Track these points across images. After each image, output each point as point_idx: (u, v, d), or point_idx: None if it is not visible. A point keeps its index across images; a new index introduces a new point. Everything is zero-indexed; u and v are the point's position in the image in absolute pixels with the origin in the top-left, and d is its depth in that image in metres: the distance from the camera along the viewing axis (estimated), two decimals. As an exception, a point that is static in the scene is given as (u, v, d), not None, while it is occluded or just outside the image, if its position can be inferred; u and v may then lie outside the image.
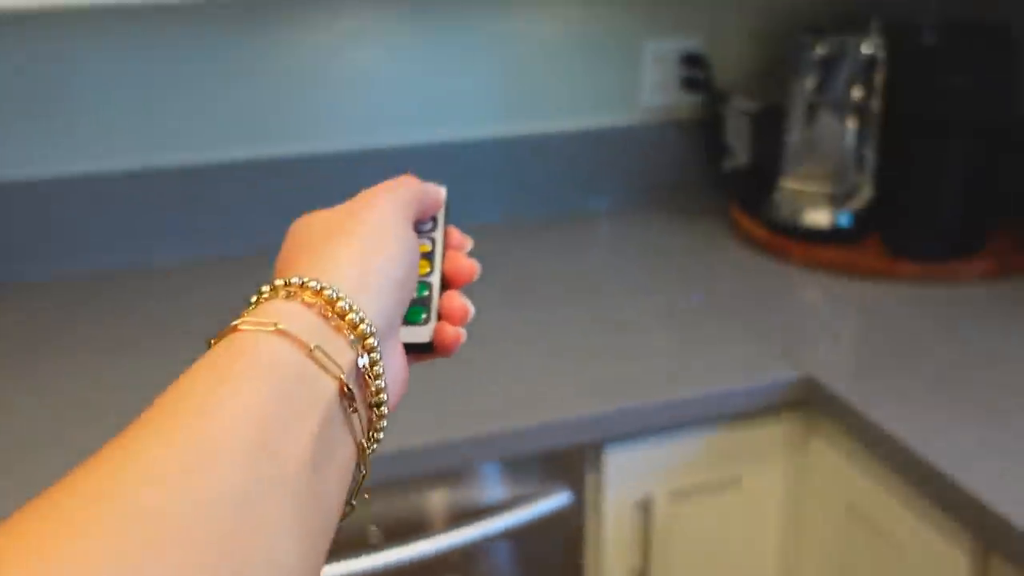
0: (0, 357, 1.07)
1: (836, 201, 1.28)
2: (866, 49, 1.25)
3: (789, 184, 1.36)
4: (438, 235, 0.52)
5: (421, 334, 0.47)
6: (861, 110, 1.28)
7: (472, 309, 0.48)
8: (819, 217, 1.27)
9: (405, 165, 1.36)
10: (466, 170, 1.40)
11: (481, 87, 1.38)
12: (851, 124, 1.27)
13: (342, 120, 1.35)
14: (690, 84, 1.45)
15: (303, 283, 0.39)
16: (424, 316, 0.47)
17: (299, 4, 1.28)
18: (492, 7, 1.35)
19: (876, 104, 1.27)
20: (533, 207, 1.45)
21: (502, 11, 1.36)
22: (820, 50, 1.28)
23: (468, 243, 0.53)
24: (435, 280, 0.50)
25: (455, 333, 0.47)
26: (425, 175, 0.46)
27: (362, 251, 0.42)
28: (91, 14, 1.21)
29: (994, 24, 1.20)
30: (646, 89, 1.46)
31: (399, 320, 0.44)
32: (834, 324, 1.14)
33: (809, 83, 1.29)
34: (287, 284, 0.39)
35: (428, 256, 0.50)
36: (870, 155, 1.29)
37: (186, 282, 1.26)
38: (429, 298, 0.48)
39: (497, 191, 1.42)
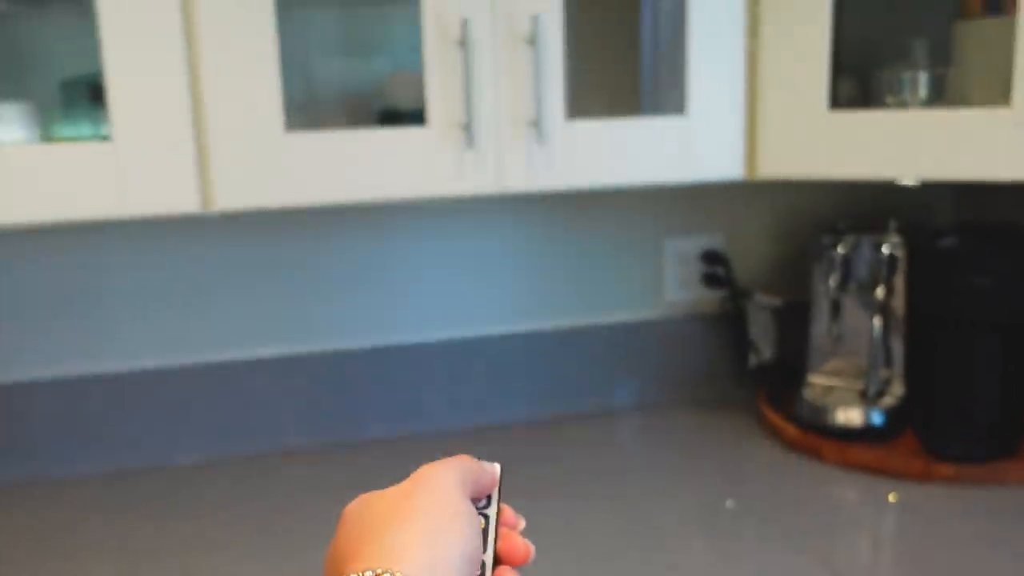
0: (1, 560, 1.04)
1: (867, 399, 1.27)
2: (886, 249, 1.27)
3: (817, 380, 1.34)
4: (492, 511, 0.52)
5: None
6: (884, 308, 1.28)
7: None
8: (851, 415, 1.25)
9: (432, 360, 1.37)
10: (495, 365, 1.40)
11: (511, 284, 1.41)
12: (877, 321, 1.27)
13: (367, 318, 1.36)
14: (711, 280, 1.47)
15: (378, 575, 0.39)
16: None
17: (321, 214, 1.32)
18: (521, 208, 1.39)
19: (899, 302, 1.28)
20: (561, 401, 1.44)
21: (531, 212, 1.40)
22: (840, 249, 1.30)
23: (521, 523, 0.53)
24: (488, 559, 0.50)
25: None
26: (455, 370, 0.46)
27: (429, 532, 0.43)
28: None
29: (1007, 225, 1.22)
30: (669, 285, 1.48)
31: None
32: (873, 531, 1.09)
33: (832, 281, 1.31)
34: None
35: (482, 533, 0.50)
36: (899, 352, 1.29)
37: (204, 480, 1.24)
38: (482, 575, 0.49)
39: (526, 386, 1.42)
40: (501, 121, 1.04)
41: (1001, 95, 1.02)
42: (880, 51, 1.26)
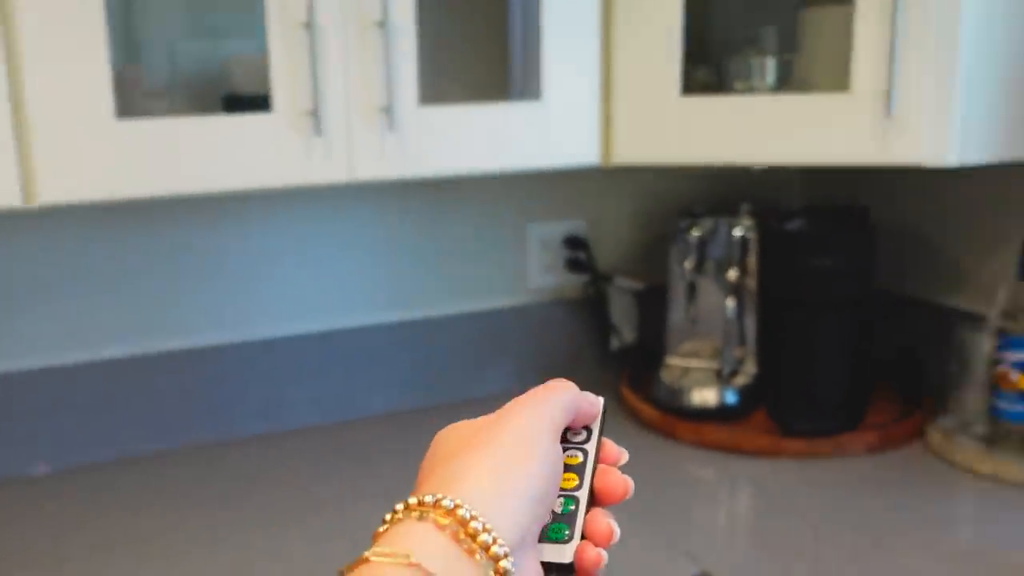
0: None
1: (721, 378, 1.30)
2: (738, 232, 1.30)
3: (674, 362, 1.37)
4: (591, 447, 0.50)
5: (563, 553, 0.45)
6: (738, 289, 1.32)
7: (618, 531, 0.47)
8: (706, 396, 1.28)
9: (295, 354, 1.33)
10: (358, 358, 1.37)
11: (373, 274, 1.38)
12: (730, 302, 1.31)
13: (222, 313, 1.31)
14: (574, 265, 1.48)
15: (436, 501, 0.39)
16: (567, 534, 0.46)
17: (193, 202, 1.26)
18: (381, 196, 1.36)
19: (751, 284, 1.31)
20: (430, 392, 1.42)
21: (389, 198, 1.37)
22: (696, 232, 1.33)
23: (623, 457, 0.51)
24: (583, 495, 0.48)
25: (596, 555, 0.45)
26: (317, 364, 0.44)
27: (499, 465, 0.42)
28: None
29: (853, 207, 1.27)
30: (533, 271, 1.48)
31: (534, 536, 0.44)
32: (727, 508, 1.12)
33: (688, 263, 1.33)
34: (421, 503, 0.39)
35: (578, 469, 0.48)
36: (751, 332, 1.33)
37: (58, 489, 1.17)
38: (574, 514, 0.47)
39: (392, 378, 1.39)
40: (351, 107, 1.01)
41: (842, 81, 1.05)
42: (733, 38, 1.29)
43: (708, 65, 1.22)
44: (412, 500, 0.40)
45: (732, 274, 1.31)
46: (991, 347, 1.20)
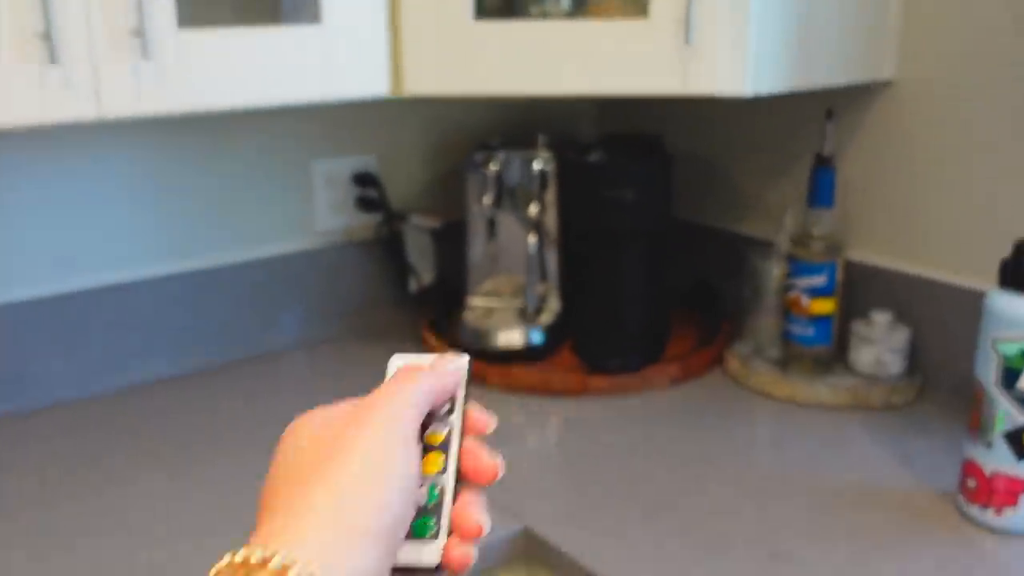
0: None
1: (526, 317, 1.26)
2: (536, 165, 1.25)
3: (477, 302, 1.32)
4: (456, 419, 0.45)
5: (428, 554, 0.40)
6: (539, 224, 1.27)
7: (488, 525, 0.43)
8: (511, 337, 1.23)
9: (42, 320, 1.15)
10: (127, 317, 1.21)
11: (141, 223, 1.22)
12: (532, 238, 1.26)
13: (-48, 273, 1.11)
14: (365, 204, 1.38)
15: (264, 560, 0.35)
16: (432, 529, 0.41)
17: None
18: (145, 135, 1.20)
19: (552, 218, 1.27)
20: (214, 350, 1.29)
21: (154, 137, 1.21)
22: (493, 166, 1.27)
23: (491, 423, 0.47)
24: (448, 482, 0.43)
25: (463, 555, 0.41)
26: (72, 330, 0.34)
27: (345, 501, 0.38)
28: None
29: (649, 136, 1.25)
30: (320, 212, 1.37)
31: (387, 571, 0.39)
32: (539, 457, 1.09)
33: (486, 199, 1.27)
34: (246, 564, 0.35)
35: (443, 447, 0.44)
36: (553, 268, 1.29)
37: None
38: (439, 506, 0.42)
39: (166, 337, 1.25)
40: (94, 29, 0.86)
41: (640, 7, 1.01)
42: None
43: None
44: (238, 557, 0.36)
45: (532, 209, 1.26)
46: (781, 273, 1.22)
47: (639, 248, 1.21)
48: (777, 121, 1.31)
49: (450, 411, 0.45)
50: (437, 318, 1.36)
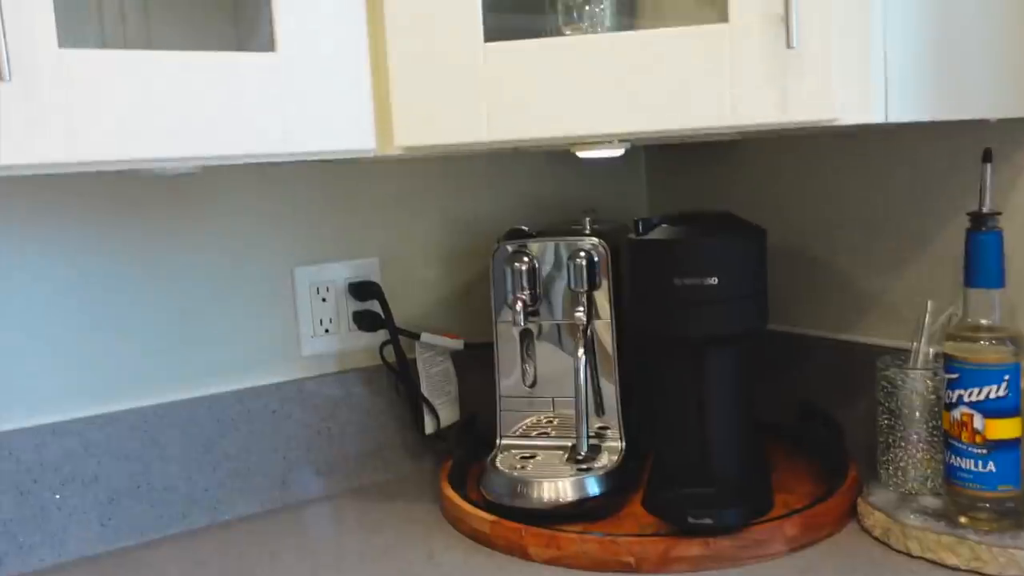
0: None
1: (578, 462, 0.92)
2: (583, 252, 0.94)
3: (512, 445, 0.98)
4: None
5: None
6: (588, 335, 0.95)
7: None
8: (559, 489, 0.89)
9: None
10: (42, 470, 0.90)
11: (62, 348, 0.92)
12: (580, 354, 0.93)
13: None
14: (364, 321, 1.07)
15: None
16: None
17: None
18: (68, 225, 0.92)
19: (606, 326, 0.95)
20: (157, 509, 0.95)
21: (83, 233, 0.93)
22: (526, 259, 0.96)
23: None
24: None
25: None
26: None
27: None
28: None
29: (722, 214, 0.94)
30: (306, 332, 1.06)
31: None
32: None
33: (518, 306, 0.96)
34: None
35: None
36: (611, 394, 0.96)
37: None
38: None
39: (81, 508, 0.92)
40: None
41: (714, 6, 0.72)
42: None
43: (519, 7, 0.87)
44: None
45: (579, 313, 0.94)
46: (931, 386, 0.88)
47: (729, 359, 0.88)
48: (900, 177, 1.00)
49: None
50: (459, 466, 1.02)
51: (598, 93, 0.73)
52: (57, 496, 0.90)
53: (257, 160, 0.73)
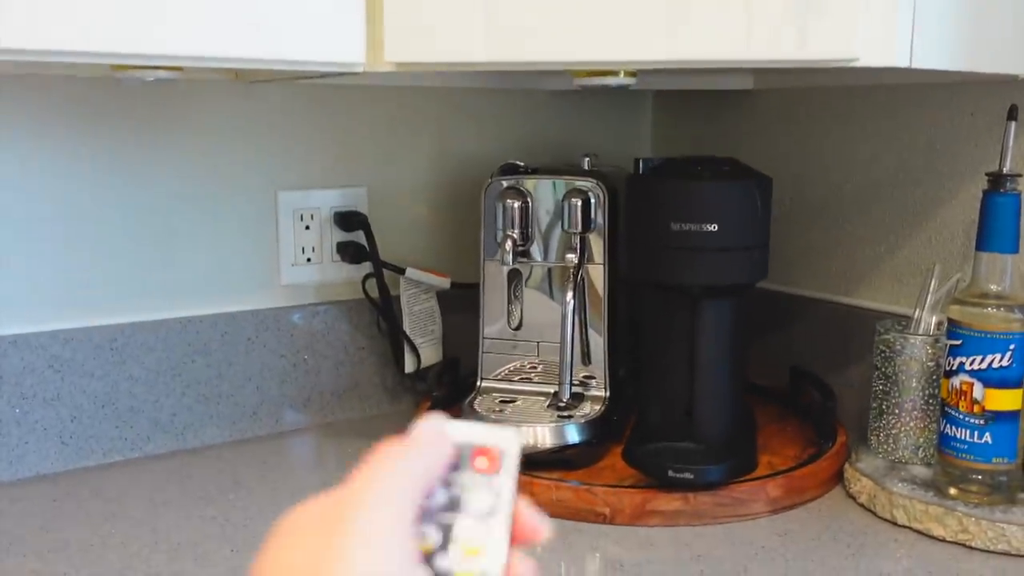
0: None
1: (560, 408, 0.89)
2: (579, 192, 0.90)
3: (492, 387, 0.95)
4: (498, 524, 0.31)
5: None
6: (579, 279, 0.91)
7: None
8: (538, 434, 0.85)
9: None
10: (19, 388, 0.86)
11: (33, 260, 0.88)
12: (569, 298, 0.89)
13: None
14: (348, 252, 1.03)
15: None
16: None
17: None
18: (38, 133, 0.87)
19: (599, 271, 0.91)
20: (113, 434, 0.92)
21: (56, 144, 0.88)
22: (517, 198, 0.92)
23: (542, 530, 0.35)
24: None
25: None
26: None
27: None
28: None
29: (727, 160, 0.89)
30: (287, 260, 1.02)
31: None
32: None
33: (508, 245, 0.92)
34: None
35: (475, 565, 0.31)
36: (599, 341, 0.92)
37: None
38: None
39: (59, 419, 0.89)
40: None
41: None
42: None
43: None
44: None
45: (570, 257, 0.90)
46: (932, 352, 0.84)
47: (723, 312, 0.84)
48: (913, 137, 0.95)
49: (491, 512, 0.31)
50: (438, 407, 0.99)
51: (604, 18, 0.69)
52: (16, 410, 0.87)
53: (232, 65, 0.68)
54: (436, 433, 0.34)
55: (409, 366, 1.05)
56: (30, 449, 0.88)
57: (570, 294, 0.89)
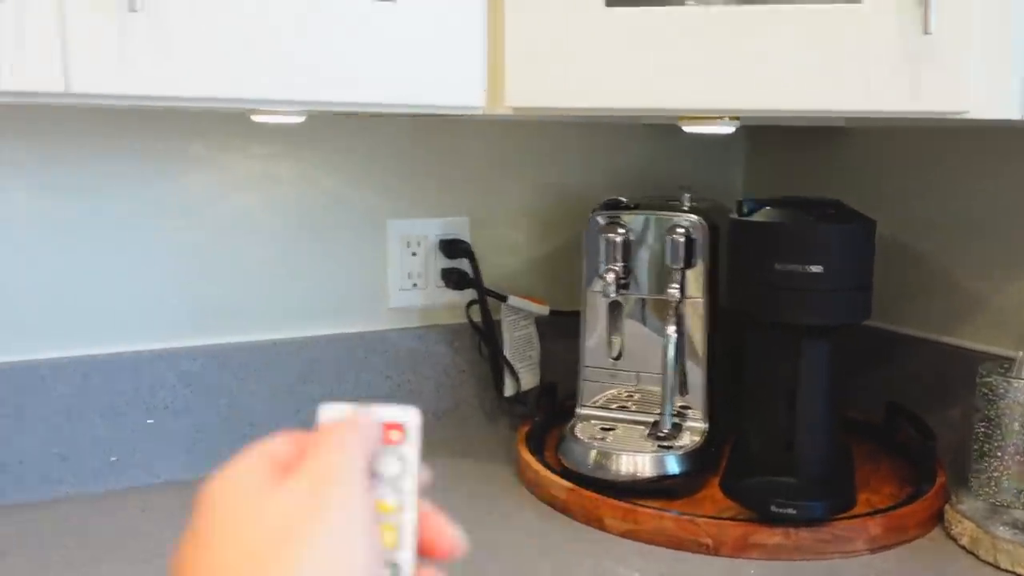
0: None
1: (659, 439, 0.91)
2: (681, 229, 0.92)
3: (592, 414, 0.98)
4: (408, 483, 0.38)
5: None
6: (681, 313, 0.94)
7: None
8: (638, 463, 0.88)
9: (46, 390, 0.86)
10: (134, 398, 0.92)
11: (153, 278, 0.94)
12: (671, 331, 0.92)
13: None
14: (453, 279, 1.07)
15: None
16: None
17: None
18: (165, 149, 0.94)
19: (699, 306, 0.93)
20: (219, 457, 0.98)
21: (194, 187, 0.95)
22: (620, 232, 0.95)
23: (458, 545, 0.40)
24: (406, 559, 0.37)
25: None
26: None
27: None
28: None
29: (831, 202, 0.90)
30: (394, 285, 1.07)
31: None
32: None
33: (610, 277, 0.95)
34: None
35: (393, 520, 0.37)
36: (698, 374, 0.94)
37: None
38: None
39: (196, 427, 0.95)
40: (63, -34, 0.59)
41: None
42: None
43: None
44: None
45: (673, 291, 0.93)
46: (1035, 396, 0.84)
47: (825, 350, 0.85)
48: (1016, 174, 0.95)
49: (400, 474, 0.38)
50: (537, 433, 1.02)
51: (719, 67, 0.71)
52: (150, 421, 0.93)
53: (365, 110, 0.73)
54: (366, 415, 0.39)
55: (509, 390, 1.08)
56: (161, 456, 0.94)
57: (672, 327, 0.92)
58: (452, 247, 1.07)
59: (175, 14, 0.63)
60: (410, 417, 0.38)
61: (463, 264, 1.07)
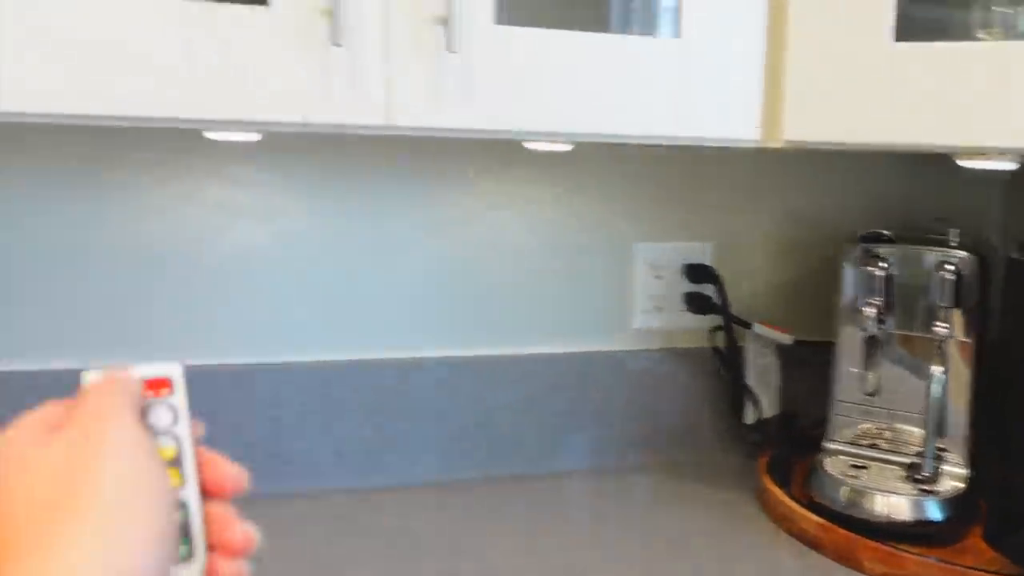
0: None
1: (919, 481, 0.88)
2: (950, 265, 0.89)
3: (841, 449, 0.96)
4: (182, 429, 0.41)
5: None
6: (946, 352, 0.90)
7: (256, 534, 0.41)
8: (896, 505, 0.86)
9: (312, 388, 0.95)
10: (392, 401, 1.00)
11: (402, 295, 1.01)
12: (937, 371, 0.89)
13: (246, 334, 0.96)
14: (697, 303, 1.08)
15: None
16: (186, 551, 0.39)
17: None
18: (413, 179, 1.00)
19: (965, 346, 0.90)
20: (479, 456, 1.03)
21: (455, 207, 1.01)
22: (882, 265, 0.93)
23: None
24: (192, 495, 0.40)
25: (236, 573, 0.39)
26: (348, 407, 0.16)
27: (108, 542, 0.33)
28: None
29: None
30: (639, 307, 1.09)
31: None
32: None
33: (869, 311, 0.93)
34: None
35: (176, 462, 0.40)
36: (960, 415, 0.91)
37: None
38: (187, 526, 0.39)
39: (441, 434, 1.01)
40: (391, 10, 0.66)
41: None
42: None
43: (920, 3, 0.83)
44: None
45: (941, 328, 0.90)
46: None
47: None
48: None
49: (174, 422, 0.41)
50: (777, 462, 1.01)
51: (1010, 103, 0.69)
52: (406, 424, 1.00)
53: (642, 141, 0.75)
54: (123, 371, 0.41)
55: (749, 417, 1.08)
56: (418, 460, 1.01)
57: (939, 367, 0.88)
58: (697, 272, 1.08)
59: (479, 56, 0.68)
60: (173, 371, 0.41)
61: (706, 289, 1.08)
